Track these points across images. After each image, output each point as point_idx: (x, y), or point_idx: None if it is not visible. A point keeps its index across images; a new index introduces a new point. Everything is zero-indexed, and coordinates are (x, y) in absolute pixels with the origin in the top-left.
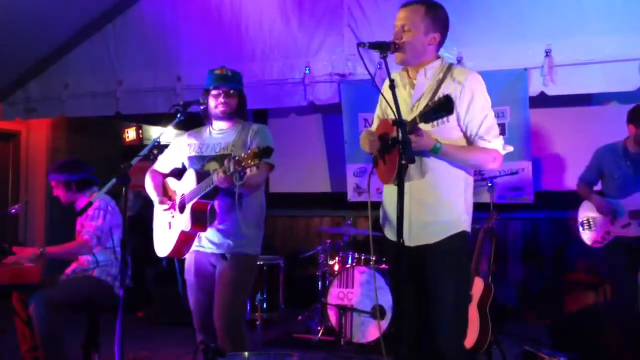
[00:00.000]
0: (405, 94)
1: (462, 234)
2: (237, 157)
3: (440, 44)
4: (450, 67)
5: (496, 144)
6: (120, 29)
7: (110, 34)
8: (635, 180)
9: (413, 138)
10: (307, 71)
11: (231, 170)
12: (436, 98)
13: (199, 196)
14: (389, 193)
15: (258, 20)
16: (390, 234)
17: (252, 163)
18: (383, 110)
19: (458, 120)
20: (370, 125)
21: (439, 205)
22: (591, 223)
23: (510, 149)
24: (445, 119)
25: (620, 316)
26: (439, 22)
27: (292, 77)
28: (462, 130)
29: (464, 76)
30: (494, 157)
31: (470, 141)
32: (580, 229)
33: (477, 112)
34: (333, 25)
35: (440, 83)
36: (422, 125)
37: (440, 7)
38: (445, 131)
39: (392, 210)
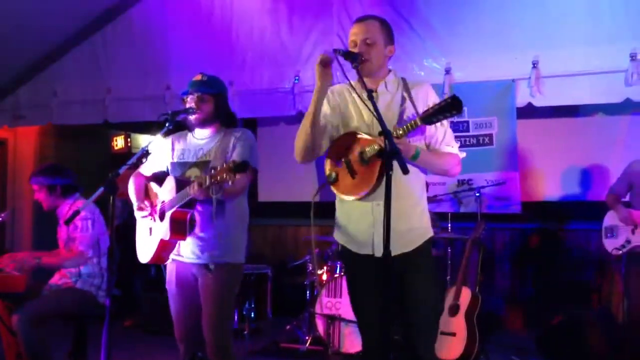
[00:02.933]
0: (364, 107)
1: (431, 238)
2: (212, 171)
3: (391, 57)
4: (404, 81)
5: (457, 149)
6: (110, 37)
7: (100, 41)
8: None
9: (401, 146)
10: (296, 80)
11: (207, 183)
12: (435, 102)
13: (177, 206)
14: (350, 209)
15: (248, 29)
16: (355, 247)
17: (227, 178)
18: (339, 117)
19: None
20: None
21: (413, 212)
22: (614, 231)
23: (463, 154)
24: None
25: (606, 325)
26: (392, 35)
27: (282, 86)
28: (424, 138)
29: (423, 89)
30: (458, 161)
31: (432, 148)
32: (604, 236)
33: (442, 121)
34: (322, 35)
35: (409, 94)
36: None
37: (388, 22)
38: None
39: (356, 226)
